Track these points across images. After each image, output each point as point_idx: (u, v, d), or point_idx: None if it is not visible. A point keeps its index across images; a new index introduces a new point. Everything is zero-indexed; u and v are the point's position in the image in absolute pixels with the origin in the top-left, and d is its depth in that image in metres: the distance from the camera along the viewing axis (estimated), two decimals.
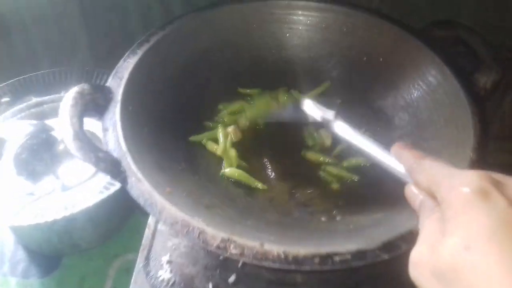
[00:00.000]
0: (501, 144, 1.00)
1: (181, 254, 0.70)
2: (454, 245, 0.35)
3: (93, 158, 0.57)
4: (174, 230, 0.52)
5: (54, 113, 0.95)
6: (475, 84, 0.66)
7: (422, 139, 0.68)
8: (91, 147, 0.58)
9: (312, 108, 0.73)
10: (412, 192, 0.47)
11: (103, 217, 0.84)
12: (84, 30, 1.09)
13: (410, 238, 0.50)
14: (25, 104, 0.95)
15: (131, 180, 0.57)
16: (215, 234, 0.51)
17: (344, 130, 0.64)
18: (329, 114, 0.69)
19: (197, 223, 0.52)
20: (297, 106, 0.77)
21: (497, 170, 0.46)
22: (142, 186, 0.56)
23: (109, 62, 1.08)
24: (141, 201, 0.55)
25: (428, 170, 0.45)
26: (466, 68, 0.68)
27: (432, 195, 0.44)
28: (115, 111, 0.64)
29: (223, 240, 0.51)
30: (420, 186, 0.46)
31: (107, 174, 0.57)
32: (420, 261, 0.39)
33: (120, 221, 0.91)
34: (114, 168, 0.57)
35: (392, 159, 0.52)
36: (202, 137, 0.76)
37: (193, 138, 0.75)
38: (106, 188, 0.78)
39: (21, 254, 0.88)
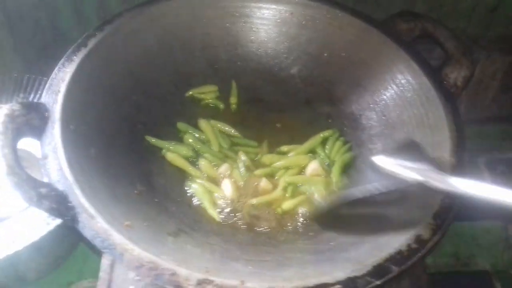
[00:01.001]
0: (479, 128, 1.00)
1: (146, 285, 0.63)
2: None
3: (34, 197, 0.48)
4: (140, 274, 0.46)
5: None
6: (445, 80, 0.64)
7: (393, 141, 0.65)
8: (31, 183, 0.49)
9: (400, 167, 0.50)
10: None
11: (52, 246, 0.74)
12: (7, 30, 0.96)
13: (400, 258, 0.47)
14: None
15: (83, 218, 0.49)
16: (189, 274, 0.45)
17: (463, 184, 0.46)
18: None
19: (167, 263, 0.46)
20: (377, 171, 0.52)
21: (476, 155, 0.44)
22: (97, 225, 0.48)
23: (40, 66, 0.98)
24: (97, 243, 0.48)
25: None
26: (433, 63, 0.66)
27: None
28: (53, 133, 0.55)
29: (199, 282, 0.45)
30: None
31: (53, 215, 0.49)
32: None
33: (71, 246, 0.81)
34: (60, 205, 0.50)
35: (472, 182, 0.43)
36: (163, 144, 0.69)
37: (154, 142, 0.69)
38: (52, 218, 0.69)
39: None
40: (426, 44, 0.72)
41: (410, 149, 0.52)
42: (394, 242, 0.49)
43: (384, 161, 0.50)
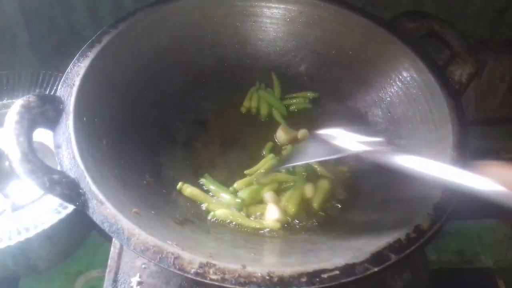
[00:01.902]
0: (487, 129, 1.00)
1: (152, 273, 0.65)
2: None
3: (47, 183, 0.50)
4: (145, 257, 0.47)
5: None
6: (450, 78, 0.65)
7: (398, 137, 0.66)
8: (44, 169, 0.51)
9: (342, 140, 0.55)
10: None
11: (62, 235, 0.77)
12: (23, 28, 0.98)
13: (399, 247, 0.48)
14: None
15: (93, 204, 0.51)
16: (192, 258, 0.47)
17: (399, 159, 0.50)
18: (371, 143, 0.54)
19: (171, 248, 0.48)
20: (320, 140, 0.58)
21: (484, 155, 0.45)
22: (106, 210, 0.50)
23: (55, 62, 1.01)
24: (106, 227, 0.49)
25: None
26: (438, 61, 0.66)
27: None
28: (67, 124, 0.57)
29: (201, 265, 0.46)
30: None
31: (64, 200, 0.51)
32: None
33: (80, 237, 0.84)
34: (71, 192, 0.51)
35: (472, 176, 0.44)
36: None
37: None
38: (63, 207, 0.71)
39: None
40: (434, 45, 0.73)
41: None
42: (394, 232, 0.49)
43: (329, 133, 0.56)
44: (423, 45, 0.68)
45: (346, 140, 0.55)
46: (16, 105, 0.56)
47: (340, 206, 0.64)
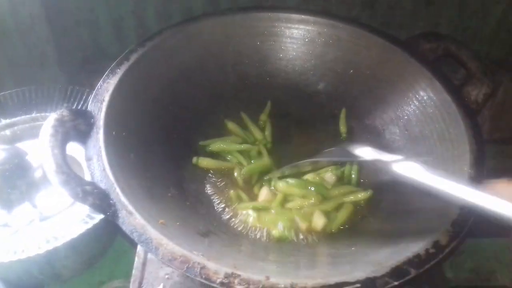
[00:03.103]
0: (502, 148, 1.02)
1: (175, 283, 0.67)
2: None
3: (80, 193, 0.53)
4: (173, 266, 0.49)
5: (26, 135, 0.89)
6: (466, 97, 0.66)
7: (415, 154, 0.67)
8: (77, 180, 0.54)
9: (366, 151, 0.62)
10: None
11: (87, 245, 0.79)
12: (52, 45, 1.03)
13: (418, 262, 0.49)
14: None
15: (122, 214, 0.53)
16: (218, 269, 0.49)
17: (413, 169, 0.54)
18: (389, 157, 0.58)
19: (197, 258, 0.50)
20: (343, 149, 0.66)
21: (499, 175, 0.46)
22: (135, 220, 0.53)
23: (80, 78, 1.05)
24: (135, 237, 0.52)
25: None
26: (454, 81, 0.68)
27: None
28: (98, 138, 0.60)
29: (226, 275, 0.48)
30: None
31: (96, 210, 0.53)
32: None
33: (104, 246, 0.86)
34: (102, 202, 0.54)
35: (484, 196, 0.45)
36: (211, 143, 0.76)
37: (202, 143, 0.76)
38: (90, 217, 0.74)
39: None
40: (450, 66, 0.75)
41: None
42: (412, 247, 0.51)
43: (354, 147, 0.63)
44: (439, 65, 0.70)
45: (367, 151, 0.60)
46: (51, 119, 0.59)
47: (360, 220, 0.66)
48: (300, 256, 0.59)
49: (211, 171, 0.74)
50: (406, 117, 0.72)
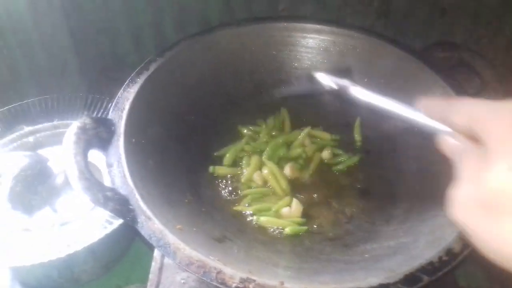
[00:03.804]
0: None
1: None
2: (501, 169, 0.34)
3: (101, 199, 0.55)
4: (190, 270, 0.51)
5: (48, 142, 0.92)
6: None
7: (429, 163, 0.68)
8: (99, 187, 0.56)
9: (326, 78, 0.65)
10: (450, 143, 0.44)
11: (106, 250, 0.81)
12: (73, 53, 1.06)
13: (431, 269, 0.50)
14: (16, 134, 0.92)
15: (141, 219, 0.55)
16: (233, 274, 0.50)
17: (363, 94, 0.60)
18: (345, 82, 0.62)
19: (214, 263, 0.51)
20: (310, 77, 0.68)
21: None
22: (153, 225, 0.54)
23: (100, 86, 1.07)
24: (153, 241, 0.53)
25: (466, 107, 0.41)
26: (469, 90, 0.69)
27: (471, 137, 0.41)
28: (118, 145, 0.62)
29: (242, 280, 0.49)
30: (458, 127, 0.42)
31: (116, 215, 0.55)
32: (464, 198, 0.37)
33: (121, 251, 0.88)
34: (122, 207, 0.56)
35: (419, 114, 0.47)
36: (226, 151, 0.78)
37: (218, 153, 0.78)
38: (109, 222, 0.76)
39: None
40: (464, 74, 0.76)
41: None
42: (426, 254, 0.51)
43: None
44: (454, 75, 0.71)
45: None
46: (73, 127, 0.61)
47: (372, 225, 0.67)
48: (314, 263, 0.60)
49: (228, 176, 0.76)
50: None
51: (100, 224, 0.76)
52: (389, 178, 0.74)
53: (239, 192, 0.73)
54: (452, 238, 0.52)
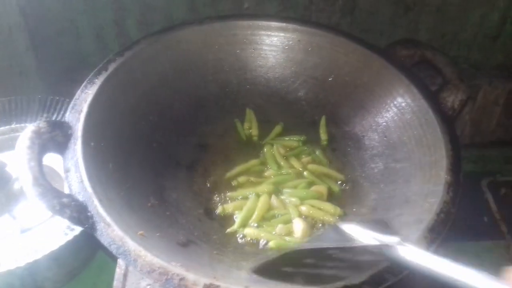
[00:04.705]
0: (483, 152, 1.03)
1: None
2: None
3: (57, 206, 0.52)
4: (152, 278, 0.49)
5: (5, 146, 0.88)
6: (442, 103, 0.67)
7: (394, 161, 0.68)
8: (54, 193, 0.53)
9: (362, 233, 0.53)
10: None
11: (69, 256, 0.78)
12: (32, 55, 1.02)
13: (397, 270, 0.49)
14: None
15: (100, 226, 0.53)
16: (197, 280, 0.48)
17: (414, 254, 0.47)
18: (389, 238, 0.50)
19: (176, 269, 0.49)
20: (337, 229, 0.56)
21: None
22: (113, 232, 0.52)
23: (62, 88, 1.03)
24: (113, 249, 0.51)
25: None
26: (432, 87, 0.69)
27: None
28: (75, 149, 0.60)
29: (205, 286, 0.48)
30: None
31: (73, 223, 0.53)
32: None
33: (86, 258, 0.85)
34: (80, 215, 0.53)
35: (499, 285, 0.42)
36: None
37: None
38: (71, 229, 0.73)
39: None
40: (428, 71, 0.76)
41: (378, 225, 0.55)
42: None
43: (347, 227, 0.55)
44: (417, 72, 0.71)
45: (362, 233, 0.53)
46: (27, 131, 0.58)
47: None
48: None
49: (192, 181, 0.74)
50: (384, 124, 0.73)
51: (62, 231, 0.73)
52: (355, 177, 0.74)
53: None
54: (416, 237, 0.52)
